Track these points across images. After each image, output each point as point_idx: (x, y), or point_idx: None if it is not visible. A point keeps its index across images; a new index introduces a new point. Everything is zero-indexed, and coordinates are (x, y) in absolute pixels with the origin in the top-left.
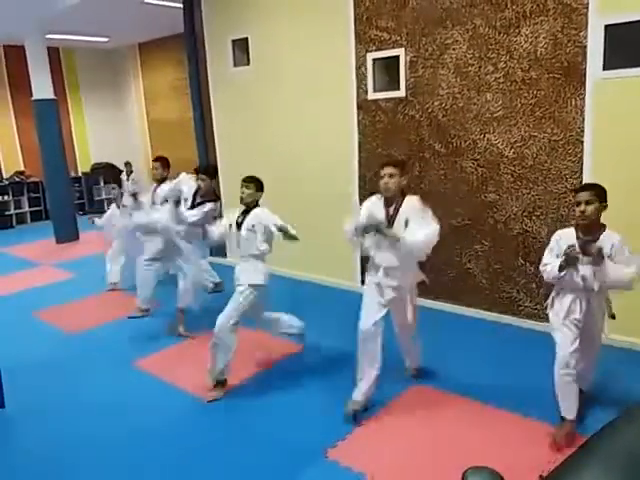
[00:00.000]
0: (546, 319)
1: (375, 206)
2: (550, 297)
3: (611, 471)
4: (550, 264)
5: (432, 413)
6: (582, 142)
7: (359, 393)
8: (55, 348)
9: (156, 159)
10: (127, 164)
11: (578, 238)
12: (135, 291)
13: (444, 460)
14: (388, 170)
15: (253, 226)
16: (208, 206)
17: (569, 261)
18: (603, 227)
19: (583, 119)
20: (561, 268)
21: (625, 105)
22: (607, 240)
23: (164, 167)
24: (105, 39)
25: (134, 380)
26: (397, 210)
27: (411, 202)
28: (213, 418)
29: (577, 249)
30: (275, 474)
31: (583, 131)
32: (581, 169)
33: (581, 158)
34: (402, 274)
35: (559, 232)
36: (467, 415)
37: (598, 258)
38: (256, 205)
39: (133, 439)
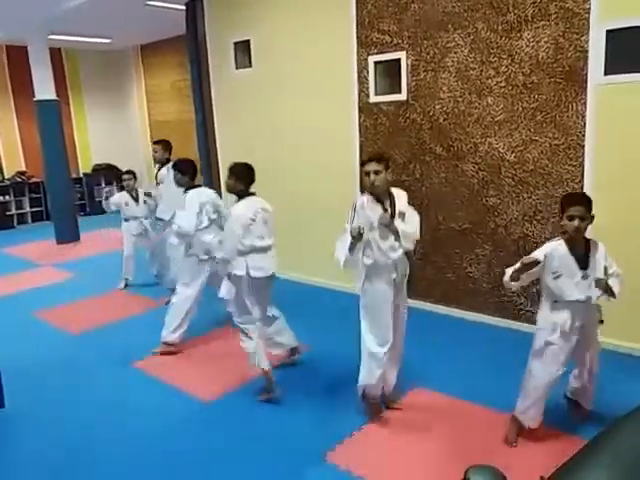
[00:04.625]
0: None
1: (368, 206)
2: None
3: (614, 472)
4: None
5: (432, 416)
6: (583, 146)
7: None
8: (55, 348)
9: (157, 142)
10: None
11: (572, 253)
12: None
13: (444, 463)
14: (372, 167)
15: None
16: None
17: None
18: (588, 239)
19: (584, 124)
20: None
21: (626, 110)
22: (601, 252)
23: (165, 149)
24: (107, 40)
25: (134, 381)
26: (394, 205)
27: (403, 196)
28: (212, 421)
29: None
30: (274, 477)
31: (584, 135)
32: (582, 173)
33: (582, 162)
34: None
35: (549, 247)
36: (467, 418)
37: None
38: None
39: (133, 440)
